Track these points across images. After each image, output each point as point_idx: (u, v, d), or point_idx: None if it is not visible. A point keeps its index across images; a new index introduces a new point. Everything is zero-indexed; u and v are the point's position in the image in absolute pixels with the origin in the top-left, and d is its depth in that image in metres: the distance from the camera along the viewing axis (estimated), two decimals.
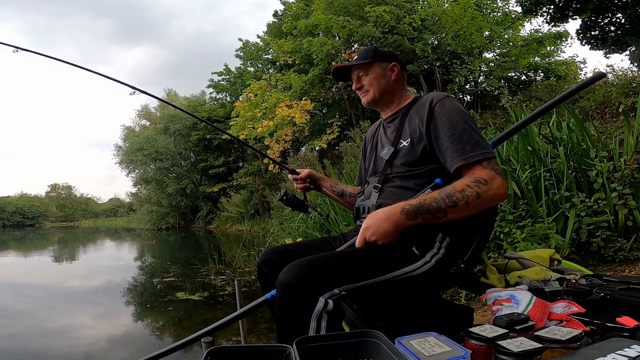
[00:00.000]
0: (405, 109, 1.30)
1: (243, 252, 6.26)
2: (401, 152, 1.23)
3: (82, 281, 5.56)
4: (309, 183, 1.58)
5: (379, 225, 1.04)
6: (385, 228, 1.03)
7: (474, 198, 1.01)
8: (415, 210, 1.03)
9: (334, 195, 1.58)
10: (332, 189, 1.58)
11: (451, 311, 1.23)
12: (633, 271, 2.37)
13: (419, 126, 1.19)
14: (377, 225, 1.04)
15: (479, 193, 1.01)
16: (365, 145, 1.51)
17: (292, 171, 1.59)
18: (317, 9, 11.47)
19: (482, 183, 1.02)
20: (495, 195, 1.03)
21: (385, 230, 1.03)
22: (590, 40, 6.52)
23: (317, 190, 1.60)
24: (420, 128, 1.19)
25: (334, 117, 12.91)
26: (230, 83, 20.21)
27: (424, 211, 1.02)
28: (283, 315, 0.96)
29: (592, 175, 2.73)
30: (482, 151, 1.06)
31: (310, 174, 1.58)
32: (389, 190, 1.23)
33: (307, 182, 1.57)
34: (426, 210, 1.02)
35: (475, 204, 1.01)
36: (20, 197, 56.14)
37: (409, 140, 1.21)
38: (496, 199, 1.04)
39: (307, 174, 1.57)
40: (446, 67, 11.14)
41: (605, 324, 0.85)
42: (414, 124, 1.22)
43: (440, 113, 1.15)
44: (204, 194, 21.05)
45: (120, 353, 2.59)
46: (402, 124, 1.26)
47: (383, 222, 1.03)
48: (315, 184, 1.59)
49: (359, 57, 1.35)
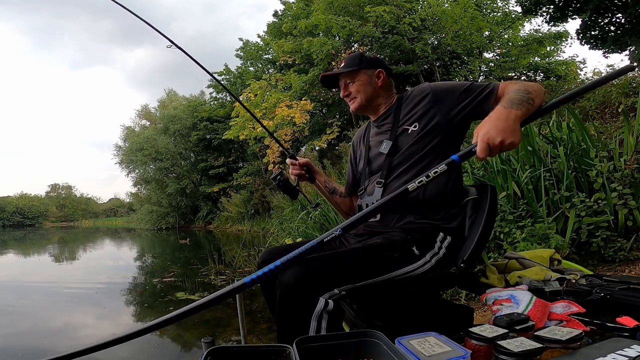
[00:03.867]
0: (396, 106, 1.33)
1: (243, 252, 6.26)
2: (406, 139, 1.24)
3: (83, 281, 5.55)
4: (305, 172, 1.58)
5: (499, 125, 0.93)
6: (506, 125, 0.93)
7: (531, 86, 1.04)
8: (511, 102, 0.99)
9: (325, 191, 1.57)
10: (325, 184, 1.58)
11: (451, 311, 1.23)
12: (633, 271, 2.37)
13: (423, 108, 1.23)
14: (498, 127, 0.93)
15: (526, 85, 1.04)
16: (355, 150, 1.51)
17: (291, 156, 1.59)
18: (317, 9, 11.48)
19: (518, 82, 1.08)
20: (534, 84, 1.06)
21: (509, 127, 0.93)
22: (590, 40, 6.51)
23: (310, 181, 1.59)
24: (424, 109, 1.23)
25: (334, 117, 12.91)
26: (230, 83, 20.21)
27: (518, 101, 0.99)
28: (283, 315, 0.96)
29: (592, 175, 2.73)
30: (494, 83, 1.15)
31: (308, 163, 1.57)
32: (396, 187, 1.22)
33: (303, 170, 1.57)
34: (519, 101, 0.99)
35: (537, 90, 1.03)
36: (20, 197, 56.21)
37: (416, 124, 1.23)
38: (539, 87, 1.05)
39: (305, 162, 1.56)
40: (446, 67, 11.14)
41: (605, 324, 0.85)
42: (416, 110, 1.24)
43: (439, 87, 1.23)
44: (204, 194, 21.05)
45: (121, 352, 2.59)
46: (397, 116, 1.29)
47: (500, 122, 0.94)
48: (310, 175, 1.58)
49: (345, 65, 1.37)
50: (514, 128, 0.93)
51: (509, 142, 0.91)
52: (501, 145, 0.91)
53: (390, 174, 1.25)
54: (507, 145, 0.92)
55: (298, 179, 1.56)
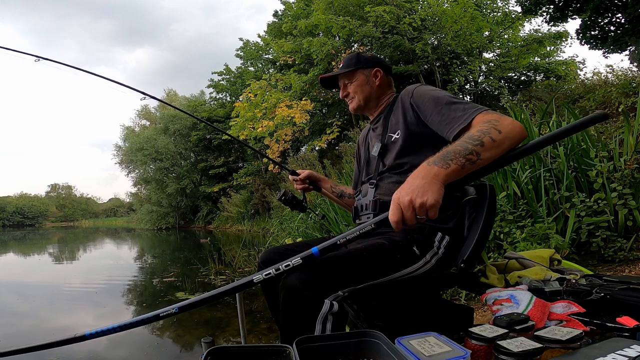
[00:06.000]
0: (388, 108, 1.34)
1: (243, 252, 6.26)
2: (392, 146, 1.25)
3: (83, 281, 5.55)
4: (309, 184, 1.59)
5: (413, 184, 0.84)
6: (420, 184, 0.84)
7: (495, 133, 0.90)
8: (442, 157, 0.89)
9: (333, 197, 1.59)
10: (331, 190, 1.60)
11: (451, 311, 1.23)
12: (633, 271, 2.37)
13: (406, 117, 1.22)
14: (411, 186, 0.84)
15: (497, 128, 0.91)
16: (359, 150, 1.53)
17: (292, 172, 1.61)
18: (317, 9, 11.48)
19: (493, 121, 0.94)
20: (513, 127, 0.92)
21: (422, 185, 0.83)
22: (590, 40, 6.51)
23: (316, 191, 1.62)
24: (408, 118, 1.21)
25: (334, 117, 12.91)
26: (230, 83, 20.21)
27: (452, 155, 0.88)
28: (287, 317, 0.96)
29: (592, 175, 2.73)
30: (475, 108, 1.03)
31: (310, 175, 1.59)
32: (385, 186, 1.25)
33: (306, 183, 1.58)
34: (454, 154, 0.88)
35: (500, 139, 0.90)
36: (20, 197, 56.23)
37: (399, 132, 1.23)
38: (517, 131, 0.92)
39: (306, 175, 1.58)
40: (446, 67, 11.14)
41: (605, 324, 0.85)
42: (400, 117, 1.24)
43: (420, 97, 1.18)
44: (204, 194, 21.04)
45: (122, 352, 2.59)
46: (387, 121, 1.30)
47: (415, 180, 0.85)
48: (315, 185, 1.60)
49: (343, 66, 1.39)
50: (429, 187, 0.83)
51: (419, 202, 0.81)
52: (411, 205, 0.81)
53: (381, 176, 1.27)
54: (419, 206, 0.81)
55: (304, 192, 1.58)
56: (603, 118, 0.90)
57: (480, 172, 0.91)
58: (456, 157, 0.88)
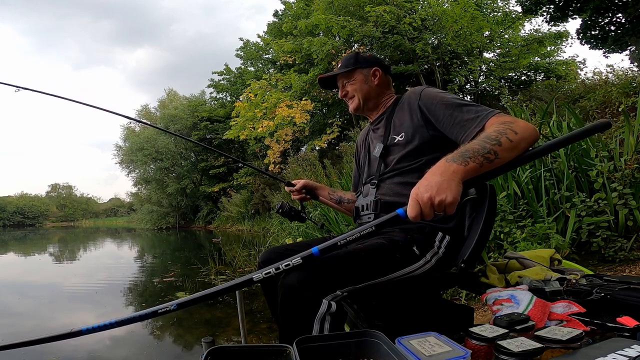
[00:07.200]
0: (390, 109, 1.34)
1: (243, 252, 6.27)
2: (395, 148, 1.25)
3: (83, 280, 5.56)
4: (305, 193, 1.59)
5: (432, 181, 0.84)
6: (438, 180, 0.83)
7: (512, 134, 0.91)
8: (461, 154, 0.89)
9: (332, 203, 1.58)
10: (329, 196, 1.59)
11: (451, 311, 1.23)
12: (633, 271, 2.37)
13: (413, 119, 1.21)
14: (430, 182, 0.84)
15: (513, 129, 0.92)
16: (358, 151, 1.53)
17: (287, 183, 1.60)
18: (317, 8, 11.48)
19: (508, 122, 0.95)
20: (527, 128, 0.93)
21: (441, 182, 0.83)
22: (590, 39, 6.52)
23: (314, 199, 1.61)
24: (414, 120, 1.20)
25: (334, 117, 12.92)
26: (230, 83, 20.20)
27: (471, 154, 0.88)
28: (286, 317, 0.96)
29: (592, 175, 2.73)
30: (488, 111, 1.05)
31: (306, 184, 1.58)
32: (387, 187, 1.24)
33: (303, 192, 1.58)
34: (473, 153, 0.89)
35: (517, 140, 0.90)
36: (20, 197, 56.22)
37: (403, 135, 1.23)
38: (531, 132, 0.93)
39: (302, 184, 1.57)
40: (446, 67, 11.14)
41: (605, 324, 0.85)
42: (405, 119, 1.24)
43: (430, 100, 1.17)
44: (204, 193, 21.05)
45: (122, 351, 2.59)
46: (389, 122, 1.30)
47: (434, 177, 0.85)
48: (312, 194, 1.60)
49: (342, 65, 1.38)
50: (448, 185, 0.83)
51: (438, 200, 0.81)
52: (430, 202, 0.82)
53: (383, 177, 1.27)
54: (438, 203, 0.82)
55: (301, 202, 1.57)
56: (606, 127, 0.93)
57: (496, 171, 0.92)
58: (475, 155, 0.89)
